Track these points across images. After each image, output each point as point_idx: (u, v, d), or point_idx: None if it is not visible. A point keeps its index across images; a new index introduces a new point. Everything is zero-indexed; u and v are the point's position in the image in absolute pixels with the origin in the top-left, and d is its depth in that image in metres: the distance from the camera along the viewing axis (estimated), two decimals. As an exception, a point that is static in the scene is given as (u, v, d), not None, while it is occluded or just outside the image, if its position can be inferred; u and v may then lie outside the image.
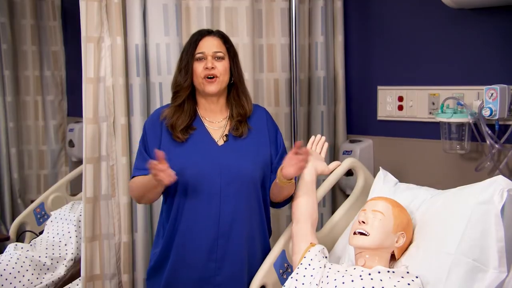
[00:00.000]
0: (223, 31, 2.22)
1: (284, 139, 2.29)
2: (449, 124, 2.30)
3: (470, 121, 2.24)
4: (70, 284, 2.89)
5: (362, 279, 1.79)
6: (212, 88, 2.08)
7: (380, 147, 2.74)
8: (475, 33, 2.33)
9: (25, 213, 3.50)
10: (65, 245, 3.12)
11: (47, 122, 4.26)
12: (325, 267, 1.92)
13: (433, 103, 2.47)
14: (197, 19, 2.58)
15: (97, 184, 2.44)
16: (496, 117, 2.14)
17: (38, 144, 4.23)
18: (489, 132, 2.19)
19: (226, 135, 2.13)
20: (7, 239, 3.41)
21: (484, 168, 2.23)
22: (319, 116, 2.83)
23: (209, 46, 2.09)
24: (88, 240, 2.41)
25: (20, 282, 2.91)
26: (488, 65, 2.29)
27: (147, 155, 2.10)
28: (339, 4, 2.84)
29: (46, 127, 4.26)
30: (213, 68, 2.06)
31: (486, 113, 2.14)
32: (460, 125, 2.28)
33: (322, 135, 2.33)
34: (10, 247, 3.12)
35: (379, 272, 1.82)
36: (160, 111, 2.16)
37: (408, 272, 1.83)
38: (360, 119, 2.86)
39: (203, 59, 2.08)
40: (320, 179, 2.46)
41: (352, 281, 1.80)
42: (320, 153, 2.27)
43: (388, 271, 1.82)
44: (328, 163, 2.27)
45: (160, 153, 1.88)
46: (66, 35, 4.29)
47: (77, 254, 3.04)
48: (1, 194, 4.07)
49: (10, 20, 4.08)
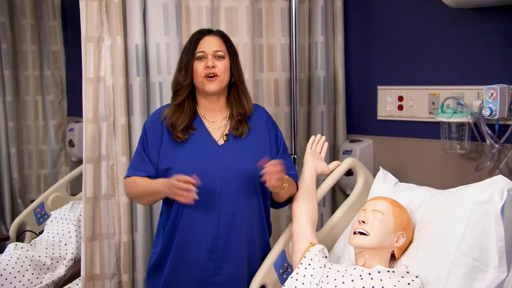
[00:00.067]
0: (223, 31, 2.22)
1: (284, 139, 2.29)
2: (449, 124, 2.30)
3: (470, 121, 2.24)
4: (70, 284, 2.89)
5: (362, 279, 1.79)
6: (213, 87, 2.08)
7: (380, 147, 2.74)
8: (475, 33, 2.33)
9: (25, 213, 3.49)
10: (65, 245, 3.12)
11: (47, 122, 4.25)
12: (325, 267, 1.92)
13: (433, 103, 2.47)
14: (197, 19, 2.58)
15: (97, 184, 2.44)
16: (496, 117, 2.14)
17: (38, 144, 4.23)
18: (489, 132, 2.19)
19: (226, 135, 2.13)
20: (7, 239, 3.40)
21: (484, 168, 2.23)
22: (319, 116, 2.83)
23: (210, 45, 2.09)
24: (88, 240, 2.41)
25: (20, 282, 2.91)
26: (488, 65, 2.29)
27: (146, 156, 2.10)
28: (339, 4, 2.84)
29: (46, 127, 4.25)
30: (214, 67, 2.06)
31: (486, 113, 2.14)
32: (460, 125, 2.28)
33: (322, 135, 2.33)
34: (10, 247, 3.11)
35: (379, 272, 1.81)
36: (160, 111, 2.16)
37: (408, 272, 1.83)
38: (360, 119, 2.86)
39: (204, 58, 2.08)
40: (320, 179, 2.46)
41: (352, 281, 1.80)
42: (320, 153, 2.27)
43: (388, 271, 1.82)
44: (328, 163, 2.28)
45: (195, 179, 1.90)
46: (66, 35, 4.28)
47: (77, 254, 3.04)
48: (1, 194, 4.07)
49: (10, 20, 4.07)
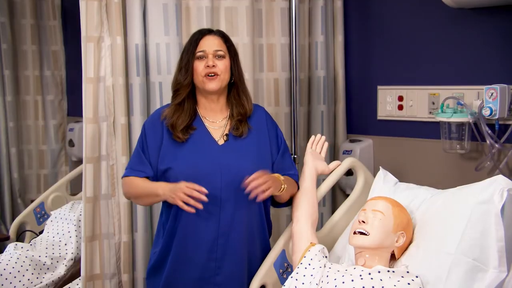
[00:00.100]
0: (223, 31, 2.22)
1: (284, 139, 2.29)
2: (449, 124, 2.30)
3: (470, 121, 2.24)
4: (70, 284, 2.89)
5: (362, 279, 1.79)
6: (213, 85, 2.08)
7: (380, 147, 2.74)
8: (475, 33, 2.33)
9: (25, 213, 3.49)
10: (65, 245, 3.12)
11: (47, 122, 4.25)
12: (325, 267, 1.92)
13: (433, 103, 2.47)
14: (197, 19, 2.58)
15: (97, 184, 2.44)
16: (496, 117, 2.14)
17: (38, 144, 4.23)
18: (489, 132, 2.19)
19: (227, 135, 2.12)
20: (7, 239, 3.41)
21: (484, 168, 2.23)
22: (319, 116, 2.83)
23: (210, 45, 2.09)
24: (88, 240, 2.41)
25: (20, 282, 2.91)
26: (488, 65, 2.29)
27: (144, 157, 2.10)
28: (339, 4, 2.83)
29: (46, 127, 4.25)
30: (214, 66, 2.06)
31: (486, 113, 2.14)
32: (460, 125, 2.28)
33: (322, 135, 2.33)
34: (10, 247, 3.12)
35: (379, 272, 1.81)
36: (160, 111, 2.16)
37: (408, 272, 1.83)
38: (360, 119, 2.86)
39: (204, 58, 2.08)
40: (320, 179, 2.46)
41: (352, 281, 1.80)
42: (320, 153, 2.27)
43: (388, 271, 1.82)
44: (328, 163, 2.28)
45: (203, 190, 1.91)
46: (66, 35, 4.28)
47: (77, 254, 3.04)
48: (1, 194, 4.07)
49: (10, 20, 4.07)
